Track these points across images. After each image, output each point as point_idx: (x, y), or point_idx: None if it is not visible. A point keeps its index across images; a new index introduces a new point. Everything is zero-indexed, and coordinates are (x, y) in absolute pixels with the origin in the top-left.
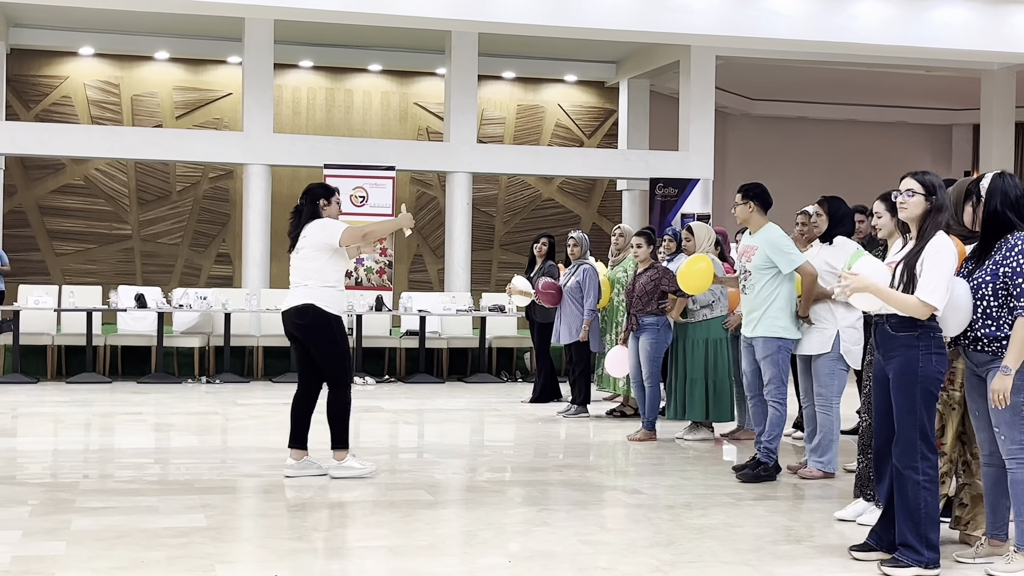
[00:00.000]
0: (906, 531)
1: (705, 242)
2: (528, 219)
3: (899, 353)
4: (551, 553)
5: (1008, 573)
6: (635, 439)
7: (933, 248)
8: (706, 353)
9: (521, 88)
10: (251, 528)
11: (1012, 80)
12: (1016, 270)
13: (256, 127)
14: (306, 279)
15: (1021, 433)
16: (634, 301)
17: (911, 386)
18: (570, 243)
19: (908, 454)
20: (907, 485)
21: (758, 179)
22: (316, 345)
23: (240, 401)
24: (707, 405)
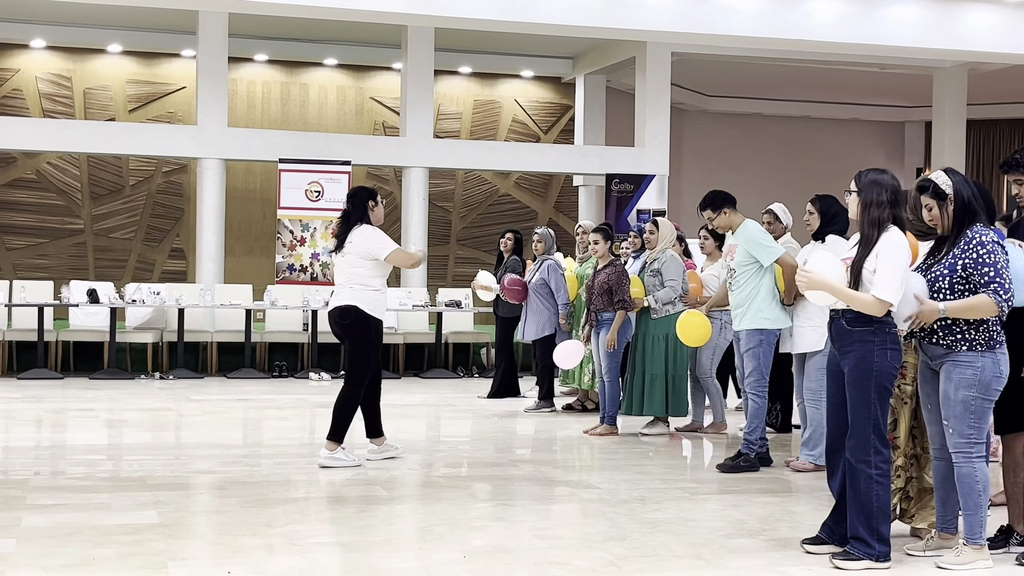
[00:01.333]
0: (857, 524)
1: (668, 237)
2: (485, 215)
3: (855, 348)
4: (506, 548)
5: (957, 566)
6: (595, 434)
7: (886, 244)
8: (667, 348)
9: (478, 83)
10: (204, 525)
11: (964, 78)
12: (977, 260)
13: (210, 121)
14: (351, 282)
15: (969, 427)
16: (593, 298)
17: (866, 381)
18: (534, 239)
19: (861, 448)
20: (859, 479)
21: (714, 175)
22: (352, 342)
23: (194, 397)
24: (666, 400)
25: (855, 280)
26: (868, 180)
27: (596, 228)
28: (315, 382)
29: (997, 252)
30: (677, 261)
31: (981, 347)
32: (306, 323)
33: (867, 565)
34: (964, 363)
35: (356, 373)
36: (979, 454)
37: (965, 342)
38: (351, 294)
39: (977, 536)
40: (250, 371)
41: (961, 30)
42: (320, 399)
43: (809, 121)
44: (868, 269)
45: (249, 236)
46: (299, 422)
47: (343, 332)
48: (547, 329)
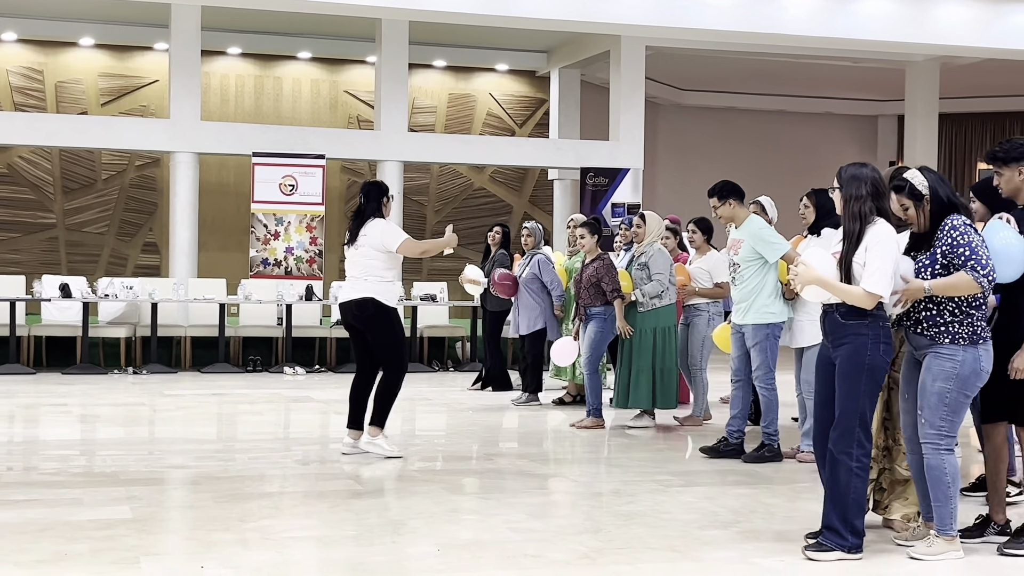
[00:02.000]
0: (832, 515)
1: (656, 230)
2: (460, 208)
3: (848, 341)
4: (480, 542)
5: (929, 556)
6: (581, 426)
7: (874, 238)
8: (655, 341)
9: (452, 77)
10: (177, 520)
11: (936, 72)
12: (952, 244)
13: (183, 115)
14: (366, 274)
15: (941, 420)
16: (581, 292)
17: (857, 374)
18: (524, 233)
19: (845, 440)
20: (840, 470)
21: (688, 169)
22: (376, 334)
23: (167, 392)
24: (654, 393)
25: (845, 275)
26: (848, 175)
27: (583, 223)
28: (290, 376)
29: (970, 233)
30: (664, 255)
31: (964, 341)
32: (280, 317)
33: (839, 556)
34: (945, 355)
35: (392, 360)
36: (947, 447)
37: (948, 335)
38: (367, 286)
39: (948, 527)
40: (224, 366)
41: (933, 24)
42: (294, 393)
43: (783, 115)
44: (857, 263)
45: (223, 230)
46: (273, 417)
47: (362, 324)
48: (538, 323)
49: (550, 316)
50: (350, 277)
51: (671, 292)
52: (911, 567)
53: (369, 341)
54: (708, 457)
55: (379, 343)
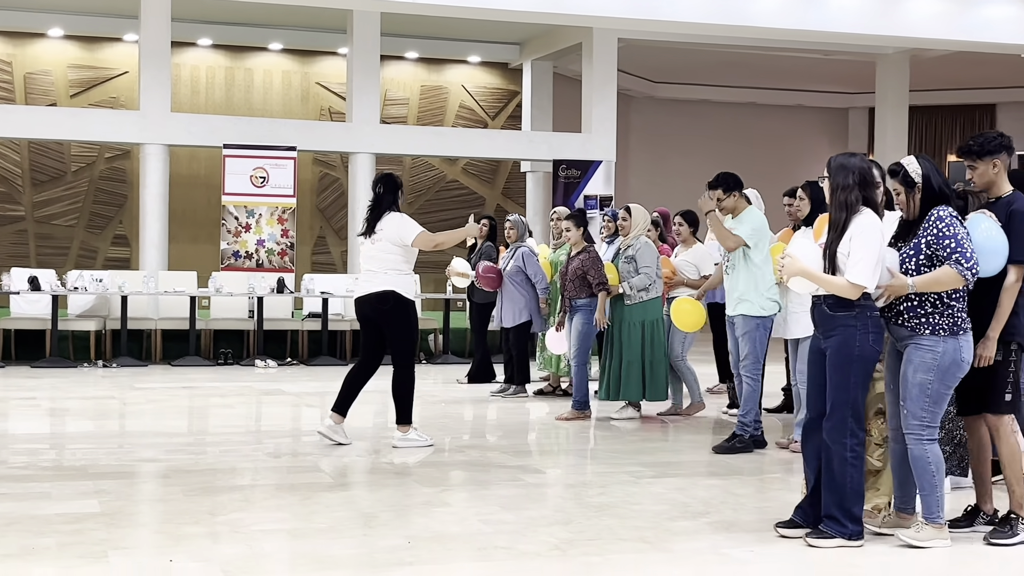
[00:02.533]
0: (831, 504)
1: (641, 224)
2: (432, 200)
3: (837, 332)
4: (450, 534)
5: (918, 542)
6: (563, 418)
7: (859, 228)
8: (643, 334)
9: (425, 69)
10: (147, 513)
11: (906, 64)
12: (938, 235)
13: (153, 106)
14: (385, 267)
15: (923, 410)
16: (567, 284)
17: (847, 364)
18: (506, 226)
19: (838, 429)
20: (834, 460)
21: (661, 161)
22: (394, 327)
23: (138, 385)
24: (643, 385)
25: (830, 265)
26: (836, 164)
27: (568, 215)
28: (261, 369)
29: (955, 225)
30: (651, 248)
31: (944, 332)
32: (252, 310)
33: (840, 543)
34: (926, 347)
35: (405, 356)
36: (930, 437)
37: (928, 326)
38: (387, 279)
39: (935, 515)
40: (195, 359)
41: (903, 17)
42: (266, 386)
43: (755, 107)
44: (842, 253)
45: (193, 222)
46: (244, 410)
47: (381, 317)
48: (523, 316)
49: (535, 309)
50: (367, 271)
51: (658, 285)
52: (897, 555)
53: (385, 334)
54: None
55: (396, 336)
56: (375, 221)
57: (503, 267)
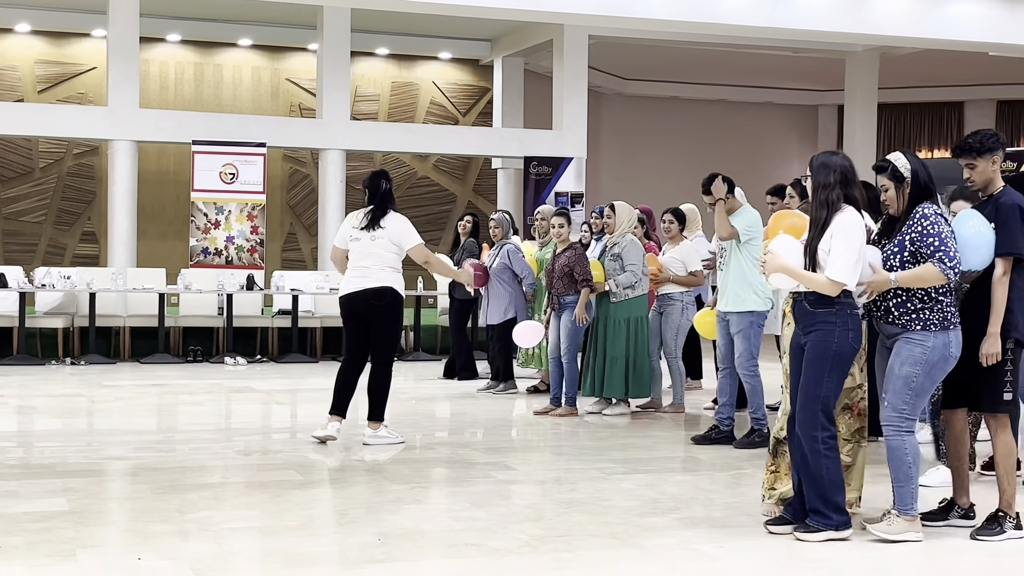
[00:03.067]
0: (814, 498)
1: (626, 221)
2: (403, 197)
3: (817, 328)
4: (421, 531)
5: (890, 535)
6: (556, 415)
7: (839, 225)
8: (627, 331)
9: (395, 65)
10: (115, 511)
11: (875, 62)
12: (922, 233)
13: (122, 102)
14: (384, 265)
15: (904, 403)
16: (554, 281)
17: (823, 360)
18: (491, 224)
19: (810, 423)
20: (809, 454)
21: (631, 158)
22: (384, 323)
23: (106, 383)
24: (627, 382)
25: (811, 262)
26: (818, 163)
27: (557, 212)
28: (230, 367)
29: (940, 223)
30: (637, 246)
31: (935, 327)
32: (221, 307)
33: (828, 536)
34: (916, 341)
35: (388, 353)
36: (909, 428)
37: (919, 321)
38: (385, 276)
39: (908, 507)
40: (164, 356)
41: (871, 15)
42: (235, 384)
43: (725, 104)
44: (823, 250)
45: (162, 219)
46: (214, 407)
47: (374, 313)
48: (510, 312)
49: (521, 306)
50: (361, 267)
51: (644, 283)
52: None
53: (371, 331)
54: (698, 444)
55: (385, 334)
56: (380, 217)
57: (489, 264)
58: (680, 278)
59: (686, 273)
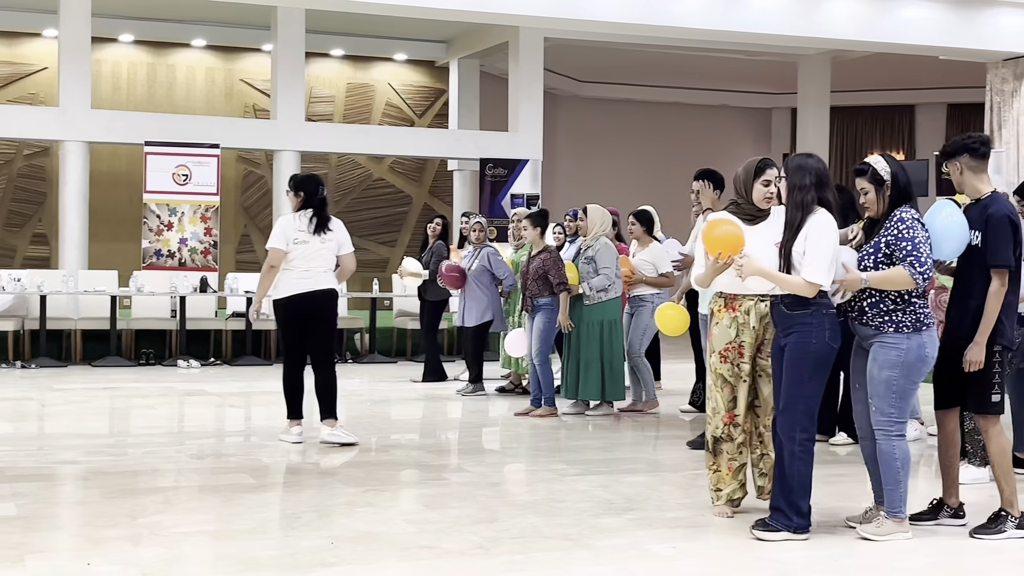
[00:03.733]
0: (779, 496)
1: (598, 224)
2: (359, 199)
3: (795, 330)
4: (374, 534)
5: (879, 536)
6: (536, 415)
7: (813, 227)
8: (601, 333)
9: (351, 66)
10: (65, 516)
11: (827, 65)
12: (897, 236)
13: (73, 103)
14: (329, 267)
15: (890, 407)
16: (528, 284)
17: (802, 361)
18: (475, 229)
19: (789, 424)
20: (784, 453)
21: (587, 160)
22: (330, 324)
23: (57, 386)
24: (602, 384)
25: (786, 263)
26: (793, 165)
27: (528, 215)
28: (183, 370)
29: (916, 228)
30: (611, 248)
31: (908, 328)
32: (174, 309)
33: (785, 536)
34: (890, 344)
35: (332, 352)
36: (898, 432)
37: (892, 324)
38: (329, 277)
39: (897, 509)
40: (116, 359)
41: (823, 18)
42: (188, 387)
43: (679, 107)
44: (797, 252)
45: (114, 221)
46: (167, 410)
47: (324, 314)
48: (486, 316)
49: (497, 309)
50: (312, 268)
51: (617, 285)
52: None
53: (318, 331)
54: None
55: (329, 334)
56: (327, 221)
57: (467, 267)
58: (651, 279)
59: (657, 274)
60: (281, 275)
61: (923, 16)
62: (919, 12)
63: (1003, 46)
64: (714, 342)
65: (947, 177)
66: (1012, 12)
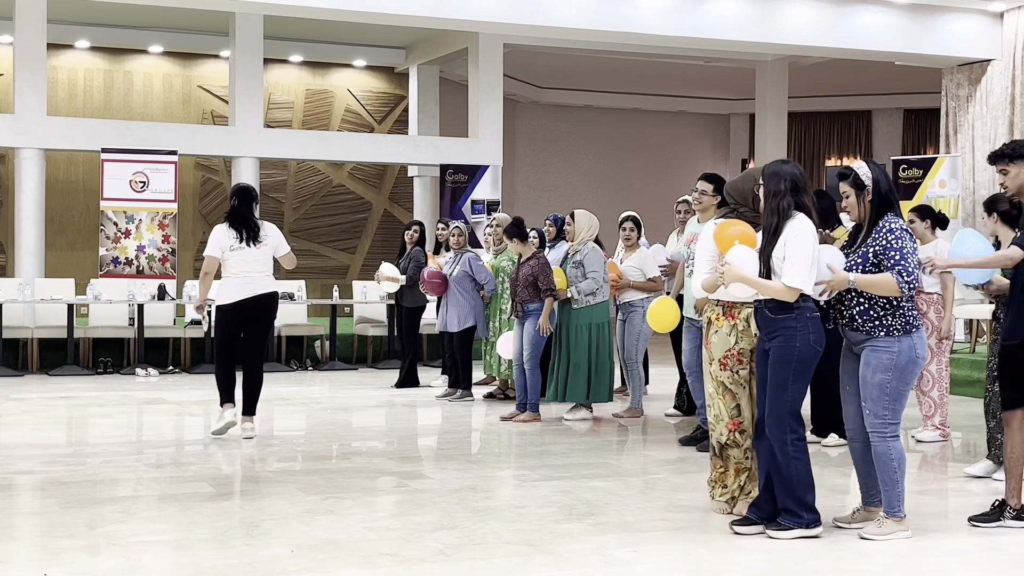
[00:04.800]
0: (784, 497)
1: (586, 229)
2: (318, 205)
3: (779, 334)
4: (335, 541)
5: (880, 536)
6: (519, 420)
7: (792, 232)
8: (589, 337)
9: (309, 72)
10: (21, 527)
11: (784, 71)
12: (885, 247)
13: (29, 109)
14: (268, 271)
15: (884, 409)
16: (519, 290)
17: (786, 364)
18: (455, 233)
19: (779, 426)
20: (779, 455)
21: (547, 166)
22: (267, 326)
23: (13, 396)
24: (588, 387)
25: (766, 269)
26: (769, 171)
27: (504, 230)
28: (142, 378)
29: (904, 238)
30: (599, 253)
31: (898, 332)
32: (132, 317)
33: (799, 533)
34: (882, 348)
35: (263, 352)
36: (893, 433)
37: (883, 328)
38: (270, 281)
39: (896, 509)
40: (73, 368)
41: (780, 24)
42: (147, 395)
43: (638, 113)
44: (777, 257)
45: (71, 228)
46: (125, 419)
47: (267, 316)
48: (469, 320)
49: (480, 314)
50: (256, 272)
51: (605, 289)
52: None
53: (258, 333)
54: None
55: (264, 335)
56: (257, 229)
57: (449, 272)
58: (640, 284)
59: (645, 279)
60: (224, 281)
61: (879, 22)
62: (875, 18)
63: (958, 52)
64: (713, 350)
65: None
66: (966, 18)
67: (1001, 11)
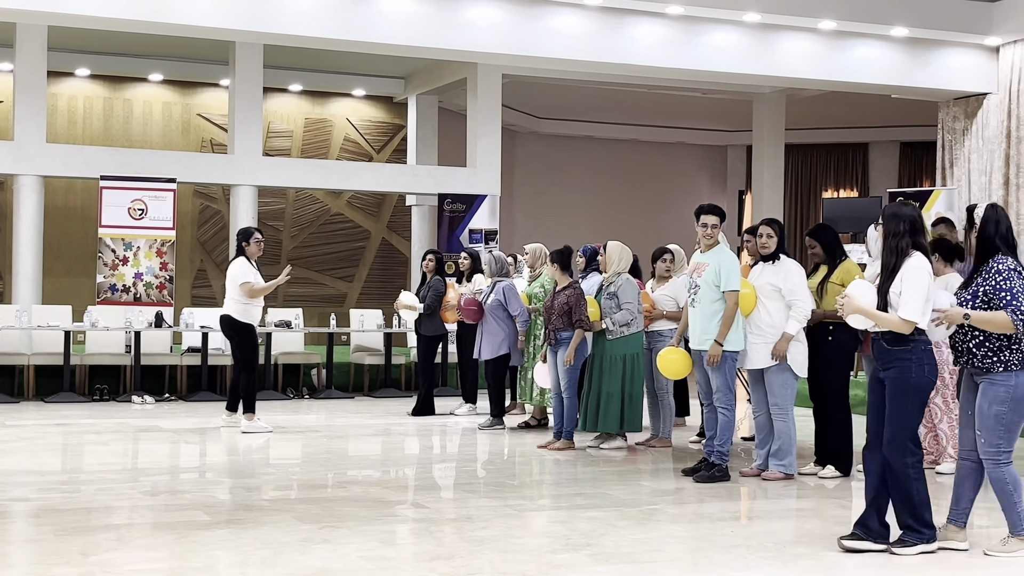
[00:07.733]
0: (905, 515)
1: (616, 260)
2: (316, 234)
3: (895, 365)
4: (330, 571)
5: (1003, 553)
6: (554, 448)
7: (909, 269)
8: (623, 367)
9: (309, 101)
10: (16, 554)
11: (781, 103)
12: (995, 287)
13: (28, 136)
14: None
15: (999, 438)
16: (553, 319)
17: (904, 394)
18: (485, 264)
19: (900, 451)
20: (899, 477)
21: (545, 196)
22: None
23: (9, 422)
24: (622, 416)
25: (883, 303)
26: (889, 213)
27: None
28: (138, 406)
29: (1012, 278)
30: (632, 284)
31: (1016, 367)
32: (129, 345)
33: (921, 549)
34: (999, 382)
35: (245, 362)
36: (1006, 460)
37: (1001, 363)
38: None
39: (1020, 529)
40: (69, 395)
41: (778, 56)
42: (143, 423)
43: (636, 144)
44: (894, 293)
45: (69, 255)
46: (120, 446)
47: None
48: (503, 348)
49: (514, 343)
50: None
51: (639, 320)
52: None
53: None
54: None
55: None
56: None
57: (484, 301)
58: (673, 313)
59: (678, 308)
60: (248, 303)
61: (876, 56)
62: (872, 52)
63: (954, 85)
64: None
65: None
66: (962, 52)
67: (997, 45)
